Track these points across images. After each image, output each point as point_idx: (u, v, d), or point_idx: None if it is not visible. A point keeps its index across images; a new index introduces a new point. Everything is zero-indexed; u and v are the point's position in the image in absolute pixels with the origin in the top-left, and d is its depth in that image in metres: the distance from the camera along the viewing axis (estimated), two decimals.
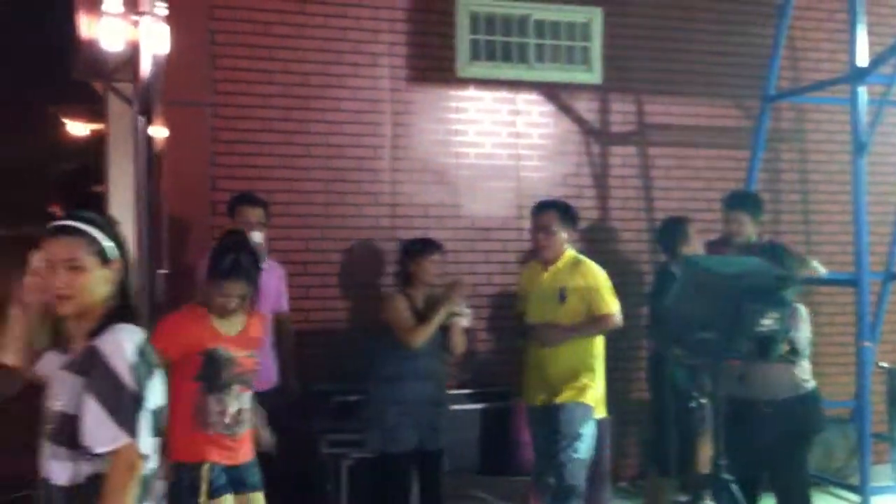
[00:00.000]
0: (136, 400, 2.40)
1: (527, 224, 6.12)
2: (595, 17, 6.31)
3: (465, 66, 6.00)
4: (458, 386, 5.58)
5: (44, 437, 2.48)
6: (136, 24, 7.67)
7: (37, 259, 3.45)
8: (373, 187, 5.88)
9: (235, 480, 3.82)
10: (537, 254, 4.87)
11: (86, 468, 2.41)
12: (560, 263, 4.77)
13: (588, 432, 4.62)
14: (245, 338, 3.87)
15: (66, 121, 15.75)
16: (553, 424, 4.64)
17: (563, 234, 4.79)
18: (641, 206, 6.44)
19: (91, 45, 10.35)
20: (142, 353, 2.45)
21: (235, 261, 3.87)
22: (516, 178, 6.15)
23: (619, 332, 4.80)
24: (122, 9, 7.80)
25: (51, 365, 2.53)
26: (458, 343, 4.70)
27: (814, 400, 4.34)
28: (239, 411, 3.81)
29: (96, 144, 16.89)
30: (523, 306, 4.91)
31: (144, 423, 2.41)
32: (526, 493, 5.10)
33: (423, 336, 4.55)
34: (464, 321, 4.67)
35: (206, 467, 3.67)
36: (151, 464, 2.50)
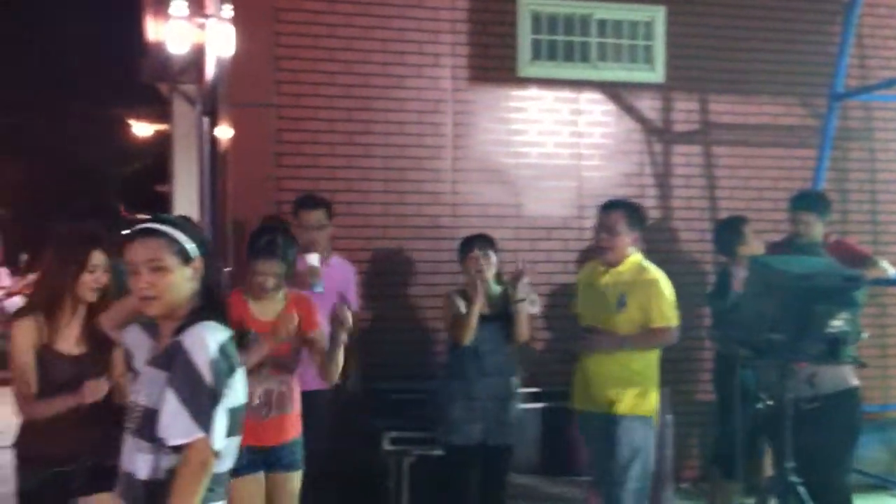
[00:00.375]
0: (213, 396, 2.44)
1: (588, 223, 6.14)
2: (658, 16, 6.25)
3: (526, 66, 5.99)
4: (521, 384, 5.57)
5: (127, 430, 2.53)
6: (201, 27, 7.90)
7: (95, 257, 3.56)
8: (434, 187, 5.90)
9: (267, 461, 3.92)
10: (599, 253, 4.68)
11: (166, 462, 2.45)
12: (623, 267, 4.52)
13: (648, 445, 4.45)
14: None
15: (132, 122, 16.13)
16: (610, 438, 4.42)
17: (629, 237, 4.52)
18: (705, 205, 6.36)
19: (158, 49, 10.65)
20: (223, 350, 2.48)
21: (271, 241, 3.94)
22: (577, 178, 6.13)
23: (683, 331, 4.73)
24: (187, 12, 8.02)
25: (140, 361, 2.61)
26: (523, 331, 4.67)
27: (858, 398, 4.28)
28: (267, 393, 3.89)
29: (161, 145, 17.25)
30: (577, 306, 4.76)
31: (219, 420, 2.44)
32: (587, 496, 5.07)
33: (464, 331, 4.55)
34: (532, 308, 4.67)
35: None
36: (227, 463, 2.54)
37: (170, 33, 8.33)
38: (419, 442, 4.92)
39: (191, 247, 2.56)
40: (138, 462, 2.48)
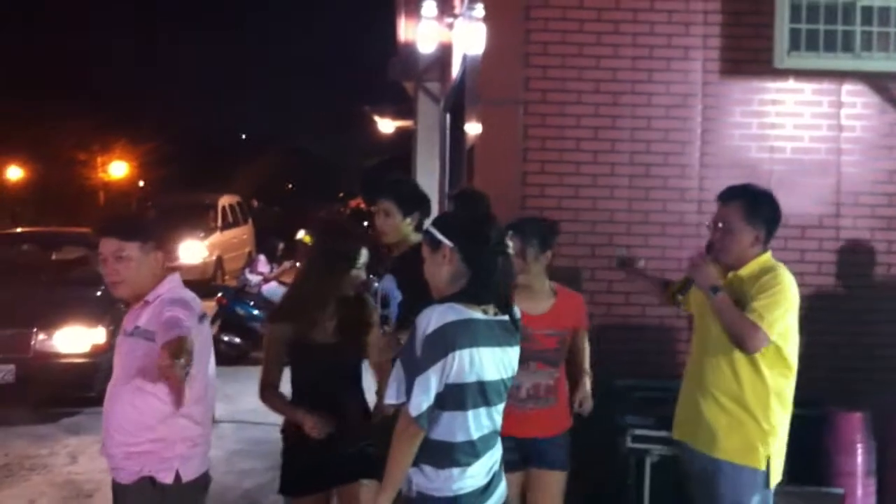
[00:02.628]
0: (417, 368, 2.74)
1: (846, 223, 5.83)
2: None
3: (784, 57, 5.74)
4: None
5: None
6: (450, 26, 8.17)
7: (362, 255, 3.78)
8: (680, 183, 5.80)
9: (528, 455, 4.01)
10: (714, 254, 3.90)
11: None
12: (744, 271, 3.76)
13: None
14: (551, 317, 4.03)
15: (377, 118, 16.88)
16: (705, 488, 3.73)
17: (748, 234, 3.77)
18: None
19: (407, 49, 11.11)
20: (442, 331, 2.74)
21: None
22: (836, 174, 5.81)
23: None
24: (436, 13, 8.33)
25: None
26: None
27: None
28: (534, 387, 3.97)
29: (402, 141, 18.00)
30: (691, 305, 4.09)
31: (420, 391, 2.72)
32: None
33: None
34: None
35: None
36: (442, 434, 2.80)
37: (420, 33, 8.67)
38: (663, 441, 4.85)
39: (438, 236, 2.90)
40: None
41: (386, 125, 17.17)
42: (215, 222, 19.25)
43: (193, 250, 17.83)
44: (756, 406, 3.69)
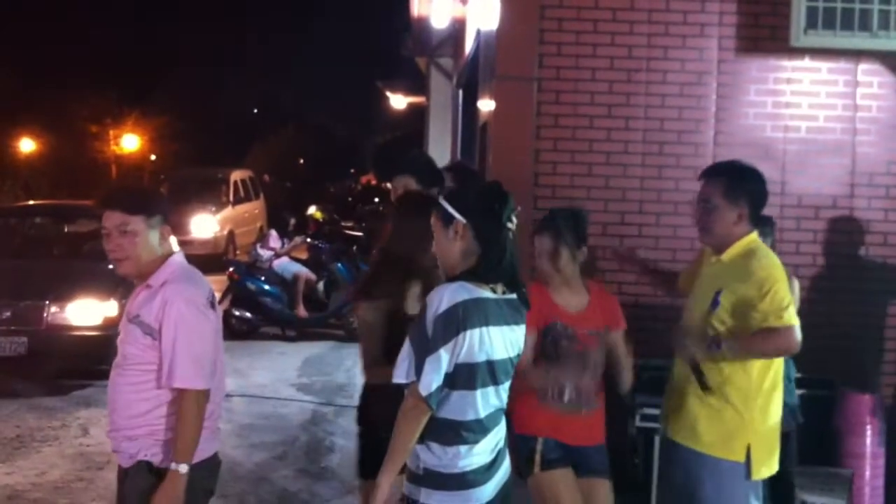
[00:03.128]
0: (428, 348, 2.73)
1: (860, 203, 5.79)
2: None
3: (800, 35, 5.68)
4: None
5: None
6: (464, 1, 8.12)
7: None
8: (693, 161, 5.73)
9: (576, 461, 3.87)
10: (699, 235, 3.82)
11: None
12: (726, 256, 3.63)
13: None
14: (589, 315, 3.92)
15: (389, 94, 16.84)
16: (690, 479, 3.61)
17: (733, 214, 3.60)
18: None
19: (420, 23, 11.05)
20: (454, 310, 2.72)
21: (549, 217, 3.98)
22: (851, 154, 5.77)
23: None
24: None
25: None
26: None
27: None
28: (577, 389, 3.82)
29: (415, 117, 17.97)
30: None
31: (431, 370, 2.71)
32: None
33: None
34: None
35: (539, 441, 3.81)
36: (450, 413, 2.80)
37: (434, 8, 8.62)
38: None
39: (449, 212, 2.85)
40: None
41: (398, 101, 17.13)
42: (227, 197, 19.27)
43: (205, 225, 17.87)
44: (736, 396, 3.56)
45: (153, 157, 36.96)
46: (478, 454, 2.83)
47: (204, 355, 3.16)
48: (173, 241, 3.34)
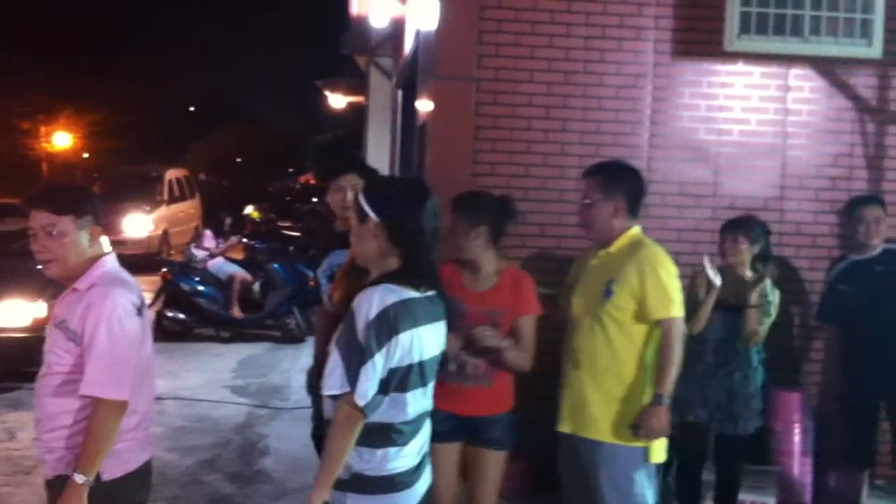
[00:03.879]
0: (363, 355, 2.63)
1: (790, 205, 5.90)
2: None
3: (734, 40, 5.78)
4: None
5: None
6: (403, 1, 8.09)
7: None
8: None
9: (469, 431, 3.94)
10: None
11: (331, 410, 2.77)
12: (613, 248, 3.82)
13: (642, 491, 3.69)
14: (491, 296, 3.91)
15: (328, 94, 16.70)
16: (588, 469, 3.74)
17: (608, 206, 3.79)
18: None
19: (360, 22, 10.99)
20: (385, 314, 2.64)
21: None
22: (782, 157, 5.88)
23: None
24: None
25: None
26: (750, 330, 4.77)
27: None
28: (461, 363, 3.87)
29: (354, 116, 17.89)
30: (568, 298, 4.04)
31: (366, 379, 2.63)
32: None
33: (693, 323, 4.59)
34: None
35: None
36: (401, 416, 2.74)
37: (373, 7, 8.58)
38: None
39: (366, 209, 2.76)
40: (328, 407, 2.79)
41: (337, 100, 17.00)
42: (162, 196, 18.93)
43: (139, 224, 17.53)
44: (633, 381, 3.71)
45: (86, 155, 36.17)
46: (406, 456, 2.77)
47: (122, 364, 2.99)
48: (104, 241, 3.19)
